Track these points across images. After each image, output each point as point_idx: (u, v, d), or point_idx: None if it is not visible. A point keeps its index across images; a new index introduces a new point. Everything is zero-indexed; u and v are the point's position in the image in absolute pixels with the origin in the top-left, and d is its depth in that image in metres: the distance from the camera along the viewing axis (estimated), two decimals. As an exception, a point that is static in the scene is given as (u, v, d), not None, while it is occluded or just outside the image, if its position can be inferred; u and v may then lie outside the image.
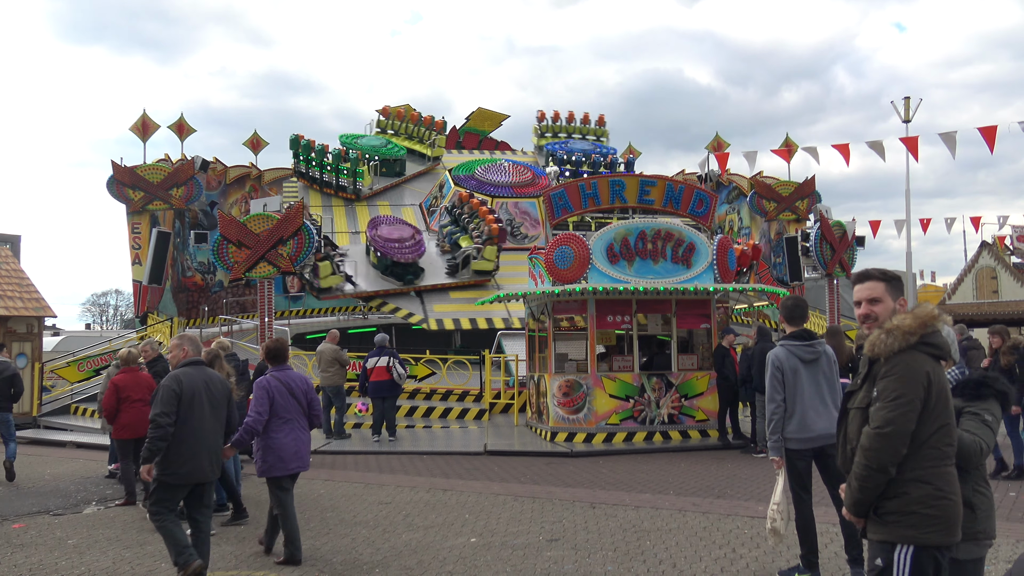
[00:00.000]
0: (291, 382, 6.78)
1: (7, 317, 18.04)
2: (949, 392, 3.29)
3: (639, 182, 14.53)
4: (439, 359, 17.36)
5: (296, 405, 6.75)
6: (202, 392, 5.99)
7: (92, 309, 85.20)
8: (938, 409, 3.23)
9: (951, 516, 3.21)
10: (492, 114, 33.38)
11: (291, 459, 6.66)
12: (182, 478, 5.85)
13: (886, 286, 3.49)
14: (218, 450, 6.12)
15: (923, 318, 3.29)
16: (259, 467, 6.73)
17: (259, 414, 6.56)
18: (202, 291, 26.71)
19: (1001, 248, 26.56)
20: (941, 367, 3.32)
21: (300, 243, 17.57)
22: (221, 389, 6.20)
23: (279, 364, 6.88)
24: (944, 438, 3.23)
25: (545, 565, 6.37)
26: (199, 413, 5.92)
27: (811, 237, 21.00)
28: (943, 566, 3.22)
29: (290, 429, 6.68)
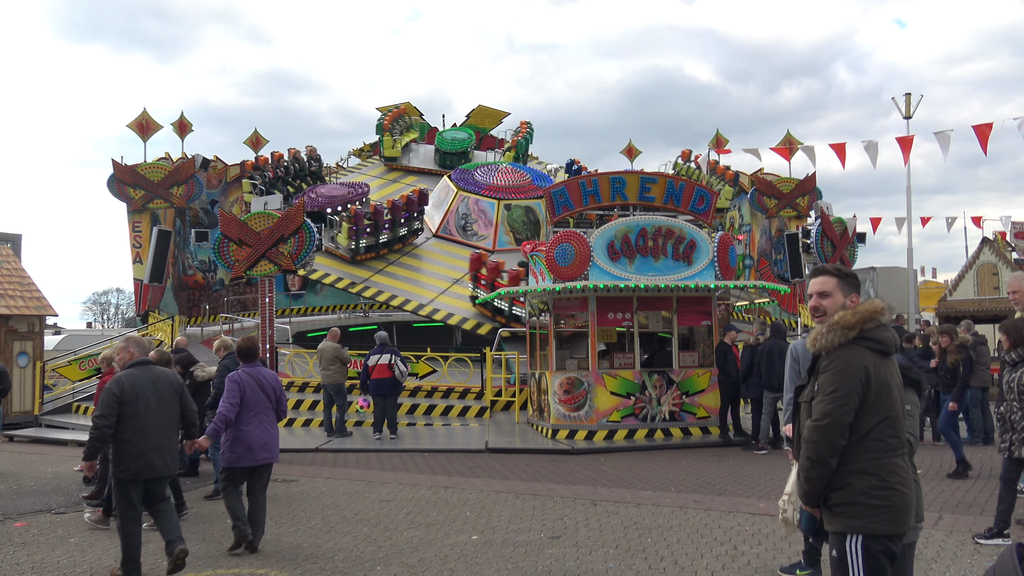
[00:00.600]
0: (261, 377, 7.18)
1: (8, 316, 18.06)
2: (893, 385, 3.36)
3: (640, 179, 14.52)
4: (440, 357, 17.36)
5: (265, 399, 7.13)
6: (148, 391, 6.19)
7: (93, 308, 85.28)
8: (879, 402, 3.30)
9: (899, 505, 3.26)
10: (492, 111, 33.39)
11: (259, 450, 7.02)
12: (134, 474, 6.07)
13: (838, 282, 3.55)
14: (170, 445, 6.31)
15: (863, 313, 3.38)
16: (227, 457, 7.04)
17: (232, 405, 6.92)
18: (203, 289, 26.71)
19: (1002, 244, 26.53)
20: (886, 361, 3.38)
21: (301, 241, 17.57)
22: (169, 386, 6.39)
23: (250, 361, 7.30)
24: (887, 429, 3.30)
25: (547, 562, 6.38)
26: (145, 411, 6.13)
27: (812, 234, 21.03)
28: (894, 556, 3.28)
29: (259, 422, 7.05)
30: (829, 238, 20.81)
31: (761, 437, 12.36)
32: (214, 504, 9.03)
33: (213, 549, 7.05)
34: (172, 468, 6.35)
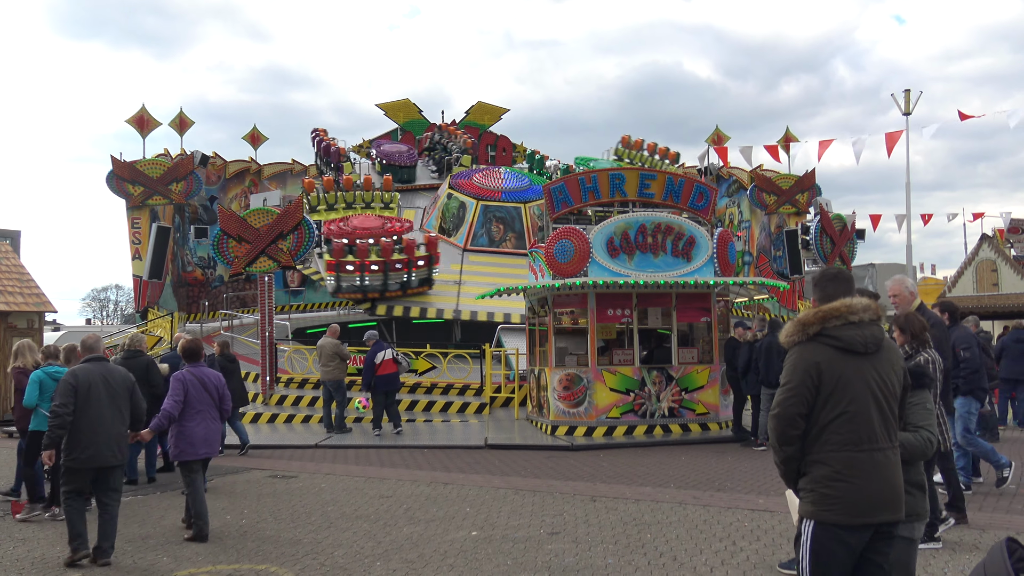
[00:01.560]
0: (204, 377, 7.58)
1: (7, 312, 18.05)
2: (856, 382, 3.41)
3: (639, 175, 14.52)
4: (439, 353, 17.37)
5: (208, 398, 7.53)
6: (99, 385, 6.61)
7: (92, 304, 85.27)
8: (836, 397, 3.40)
9: (850, 498, 3.33)
10: (491, 108, 33.42)
11: (201, 445, 7.45)
12: (83, 463, 6.49)
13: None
14: (119, 437, 6.72)
15: (823, 312, 3.51)
16: (172, 452, 7.47)
17: (175, 403, 7.31)
18: (202, 286, 26.72)
19: (1001, 241, 26.56)
20: (850, 358, 3.43)
21: (300, 238, 17.59)
22: (121, 382, 6.82)
23: (194, 362, 7.72)
24: (846, 425, 3.38)
25: (546, 558, 6.39)
26: (96, 403, 6.54)
27: (811, 230, 21.05)
28: (847, 545, 3.35)
29: (201, 419, 7.47)
30: (828, 235, 20.83)
31: (760, 433, 12.37)
32: (214, 501, 9.03)
33: (213, 545, 7.06)
34: (120, 459, 6.74)
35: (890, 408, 3.47)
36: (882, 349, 3.50)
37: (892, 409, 3.47)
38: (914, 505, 3.76)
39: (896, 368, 3.54)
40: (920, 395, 3.86)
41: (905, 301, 6.70)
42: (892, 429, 3.47)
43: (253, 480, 10.35)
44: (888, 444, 3.43)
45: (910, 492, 3.73)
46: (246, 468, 11.24)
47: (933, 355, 5.98)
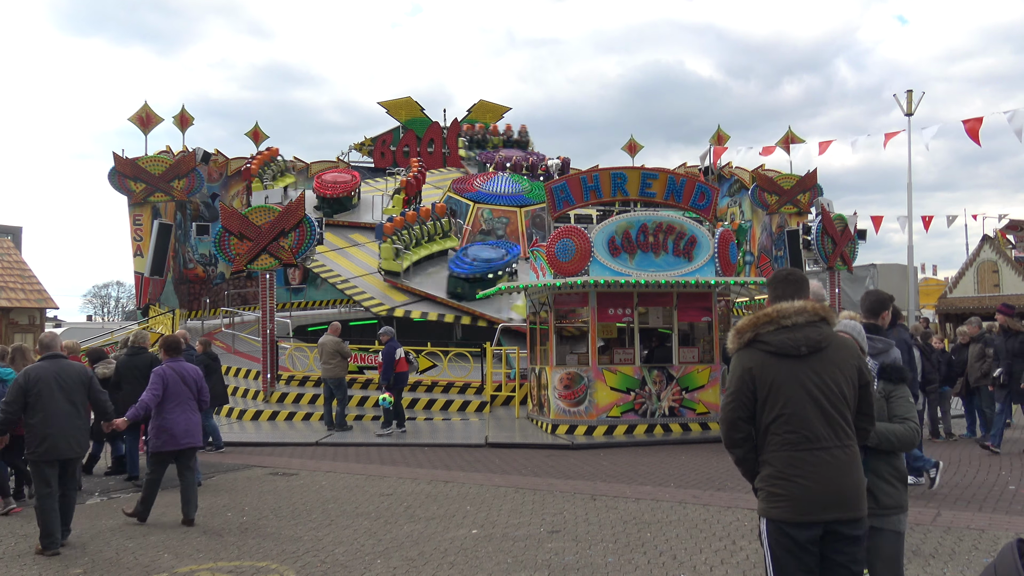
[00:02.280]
0: (183, 371, 7.98)
1: (9, 308, 18.09)
2: (790, 384, 3.46)
3: (641, 175, 14.52)
4: (440, 351, 17.38)
5: (187, 391, 7.93)
6: (52, 382, 6.96)
7: (93, 301, 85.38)
8: (771, 401, 3.47)
9: (795, 495, 3.41)
10: (493, 106, 33.42)
11: (182, 435, 7.80)
12: (42, 455, 6.86)
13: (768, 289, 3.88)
14: (76, 431, 7.05)
15: (755, 318, 3.58)
16: (154, 444, 7.80)
17: (154, 395, 7.71)
18: (204, 283, 26.73)
19: (1003, 242, 26.54)
20: (784, 361, 3.48)
21: (302, 235, 17.59)
22: (76, 378, 7.16)
23: (173, 356, 8.10)
24: (784, 426, 3.45)
25: (546, 556, 6.40)
26: (49, 400, 6.91)
27: (812, 230, 21.00)
28: (797, 541, 3.41)
29: (182, 411, 7.85)
30: (829, 235, 20.80)
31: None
32: (215, 499, 9.06)
33: (215, 542, 7.08)
34: (78, 451, 7.11)
35: (834, 407, 3.45)
36: (825, 350, 3.49)
37: (837, 408, 3.45)
38: (897, 498, 3.84)
39: (844, 367, 3.49)
40: (900, 389, 3.98)
41: None
42: (839, 428, 3.45)
43: (254, 477, 10.36)
44: (834, 443, 3.43)
45: (893, 485, 3.82)
46: (247, 465, 11.26)
47: None
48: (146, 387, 8.26)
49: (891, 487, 3.83)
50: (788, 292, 3.68)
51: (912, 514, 5.40)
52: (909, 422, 3.89)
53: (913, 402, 4.05)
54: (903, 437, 3.86)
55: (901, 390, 4.01)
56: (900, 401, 3.97)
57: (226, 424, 15.62)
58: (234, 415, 16.15)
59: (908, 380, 4.08)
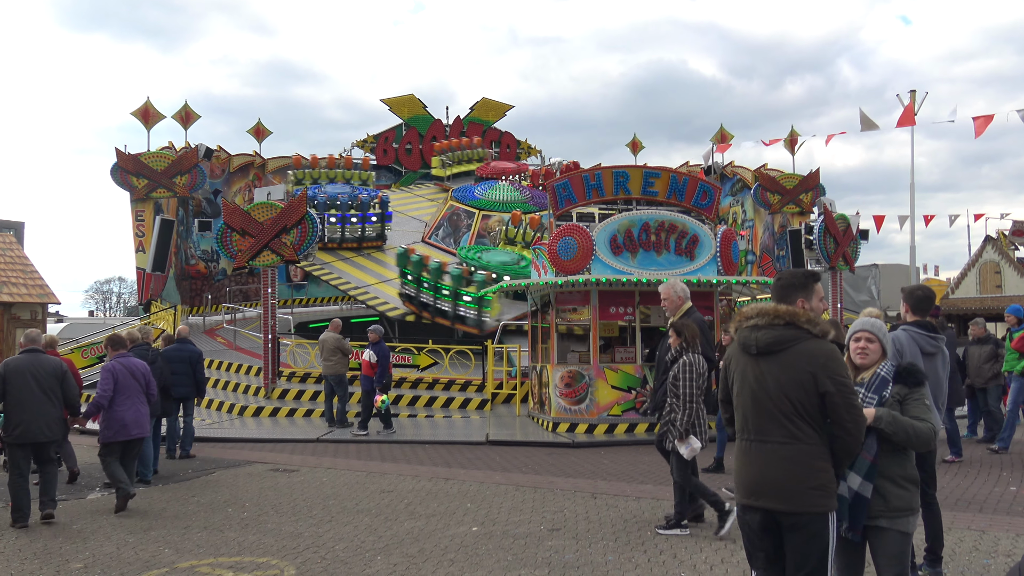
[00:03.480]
0: (131, 366, 8.51)
1: (11, 303, 18.11)
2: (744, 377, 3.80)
3: (643, 173, 14.51)
4: (442, 349, 17.39)
5: (136, 385, 8.46)
6: (27, 372, 7.66)
7: (95, 296, 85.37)
8: (734, 389, 3.90)
9: (738, 480, 3.84)
10: (496, 104, 33.39)
11: (132, 426, 8.37)
12: (16, 438, 7.59)
13: None
14: (49, 418, 7.72)
15: (739, 315, 3.98)
16: (105, 434, 8.30)
17: (104, 392, 8.21)
18: (205, 279, 26.74)
19: (1005, 243, 26.50)
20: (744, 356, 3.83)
21: (304, 232, 17.60)
22: (50, 370, 7.83)
23: (119, 352, 8.63)
24: (737, 414, 3.88)
25: (546, 554, 6.40)
26: (25, 389, 7.62)
27: (815, 230, 20.99)
28: (746, 521, 3.82)
29: (131, 404, 8.39)
30: (832, 234, 20.79)
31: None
32: (215, 494, 9.08)
33: (215, 538, 7.09)
34: (49, 435, 7.75)
35: (776, 407, 3.64)
36: (778, 353, 3.68)
37: (781, 408, 3.63)
38: (908, 499, 3.87)
39: (796, 372, 3.63)
40: (916, 392, 3.97)
41: (674, 304, 7.09)
42: (781, 426, 3.63)
43: (255, 473, 10.37)
44: (773, 438, 3.66)
45: (903, 488, 3.86)
46: (248, 461, 11.28)
47: (694, 358, 6.53)
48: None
49: (902, 490, 3.86)
50: (777, 295, 4.01)
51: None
52: (926, 422, 3.85)
53: (931, 404, 3.97)
54: (921, 434, 3.82)
55: (917, 393, 3.94)
56: (916, 404, 3.91)
57: (227, 420, 15.64)
58: (235, 411, 16.17)
59: (924, 383, 4.00)
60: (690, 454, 6.83)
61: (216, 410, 16.51)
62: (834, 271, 21.18)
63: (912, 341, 5.58)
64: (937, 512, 5.69)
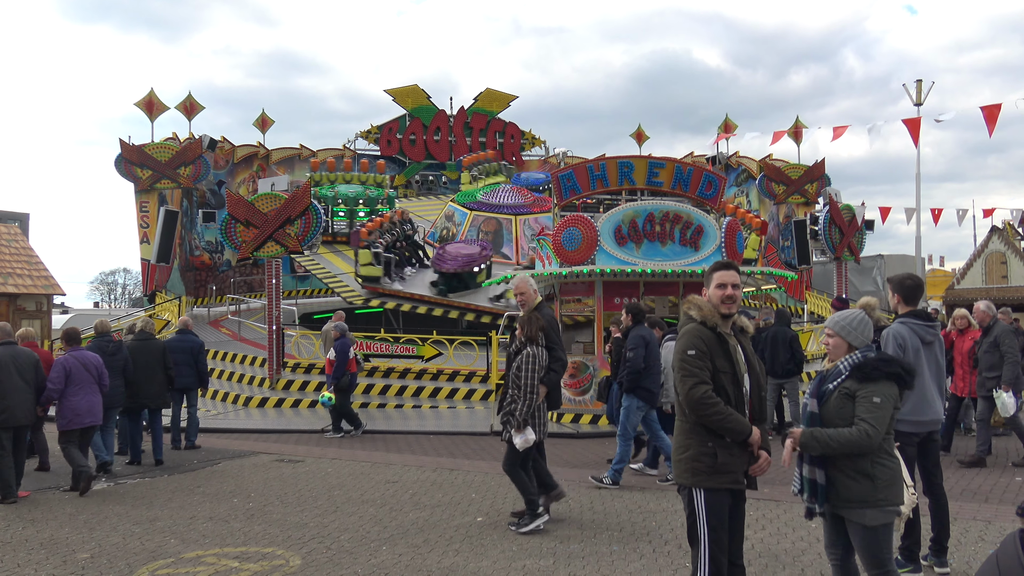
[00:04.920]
0: (84, 359, 9.02)
1: (16, 295, 18.14)
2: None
3: (648, 164, 14.45)
4: (446, 339, 17.39)
5: (89, 376, 8.95)
6: (9, 363, 8.41)
7: (100, 287, 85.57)
8: None
9: None
10: (500, 95, 33.30)
11: (86, 415, 8.86)
12: (2, 423, 8.28)
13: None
14: (27, 403, 8.51)
15: None
16: (61, 423, 8.79)
17: (54, 384, 8.71)
18: (210, 270, 26.78)
19: (1011, 233, 26.38)
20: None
21: (308, 223, 17.58)
22: (27, 361, 8.60)
23: (73, 345, 9.20)
24: None
25: (551, 544, 6.41)
26: (8, 378, 8.35)
27: (820, 221, 20.93)
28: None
29: (84, 394, 8.88)
30: (837, 225, 20.73)
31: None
32: (221, 485, 9.10)
33: (221, 528, 7.10)
34: (28, 419, 8.58)
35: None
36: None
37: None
38: (860, 492, 3.91)
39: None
40: (867, 388, 3.92)
41: (530, 299, 7.11)
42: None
43: (260, 464, 10.39)
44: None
45: (853, 479, 3.91)
46: (253, 452, 11.30)
47: (536, 351, 6.69)
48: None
49: (852, 481, 3.91)
50: None
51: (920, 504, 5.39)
52: (863, 424, 3.84)
53: (879, 403, 3.90)
54: (848, 442, 3.84)
55: (866, 390, 3.92)
56: (862, 402, 3.90)
57: (232, 411, 15.68)
58: (240, 402, 16.20)
59: (877, 380, 3.96)
60: (523, 445, 6.77)
61: (221, 401, 16.54)
62: (839, 261, 21.13)
63: (913, 333, 5.57)
64: (944, 502, 5.69)
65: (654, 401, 8.89)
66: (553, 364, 6.91)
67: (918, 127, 20.82)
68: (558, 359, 6.98)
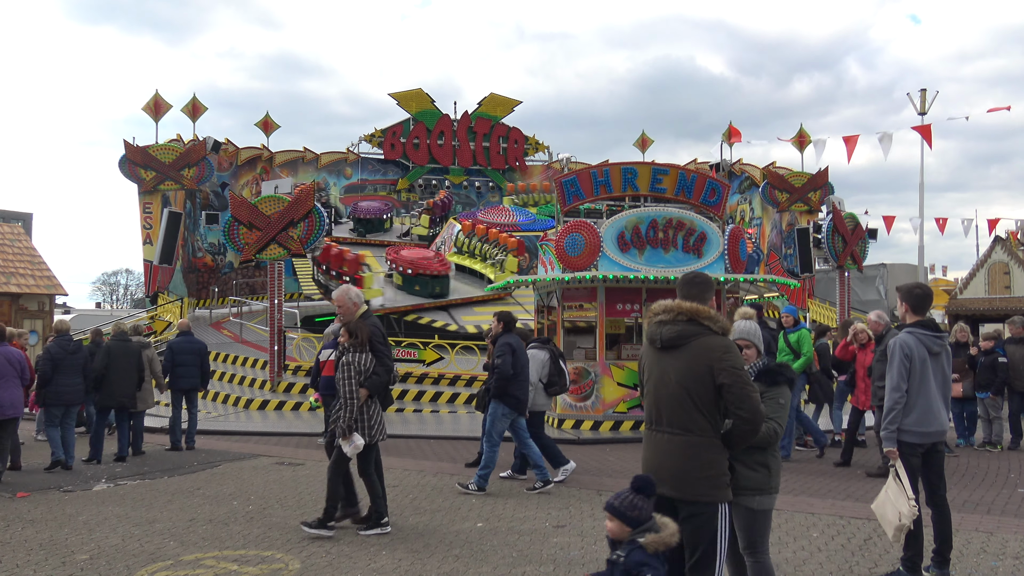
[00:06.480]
0: (8, 355, 9.44)
1: (19, 294, 18.16)
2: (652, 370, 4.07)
3: (652, 170, 14.45)
4: (448, 344, 17.37)
5: (12, 371, 9.39)
6: (3, 360, 9.17)
7: (103, 288, 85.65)
8: (644, 380, 4.15)
9: (644, 466, 4.04)
10: (504, 100, 33.28)
11: (8, 407, 9.31)
12: None
13: None
14: (15, 399, 9.31)
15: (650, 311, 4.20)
16: None
17: None
18: (212, 272, 26.79)
19: (1014, 243, 26.35)
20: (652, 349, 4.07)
21: (311, 225, 17.59)
22: (15, 358, 9.39)
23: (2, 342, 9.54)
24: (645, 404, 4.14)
25: (551, 551, 6.39)
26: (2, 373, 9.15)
27: (823, 229, 20.89)
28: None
29: (7, 386, 9.33)
30: (840, 233, 20.69)
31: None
32: (221, 487, 9.08)
33: (220, 531, 7.09)
34: (14, 413, 9.32)
35: (674, 398, 3.88)
36: (681, 347, 3.91)
37: (678, 399, 3.87)
38: (757, 480, 4.23)
39: (695, 365, 3.86)
40: (773, 391, 4.37)
41: (348, 311, 7.13)
42: (675, 417, 3.88)
43: (260, 467, 10.38)
44: (667, 429, 3.91)
45: (753, 470, 4.23)
46: (253, 455, 11.28)
47: (354, 358, 6.79)
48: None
49: (752, 472, 4.23)
50: (685, 293, 4.14)
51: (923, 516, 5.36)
52: (771, 423, 4.23)
53: (783, 404, 4.36)
54: (759, 436, 4.15)
55: (773, 392, 4.37)
56: (769, 402, 4.29)
57: (233, 413, 15.66)
58: (241, 404, 16.19)
59: (782, 384, 4.42)
60: (352, 451, 6.82)
61: (222, 403, 16.53)
62: (842, 270, 21.09)
63: (919, 343, 5.54)
64: (947, 513, 5.66)
65: (522, 409, 8.93)
66: (378, 368, 6.97)
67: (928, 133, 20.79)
68: (384, 364, 7.05)
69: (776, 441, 4.33)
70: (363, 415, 6.92)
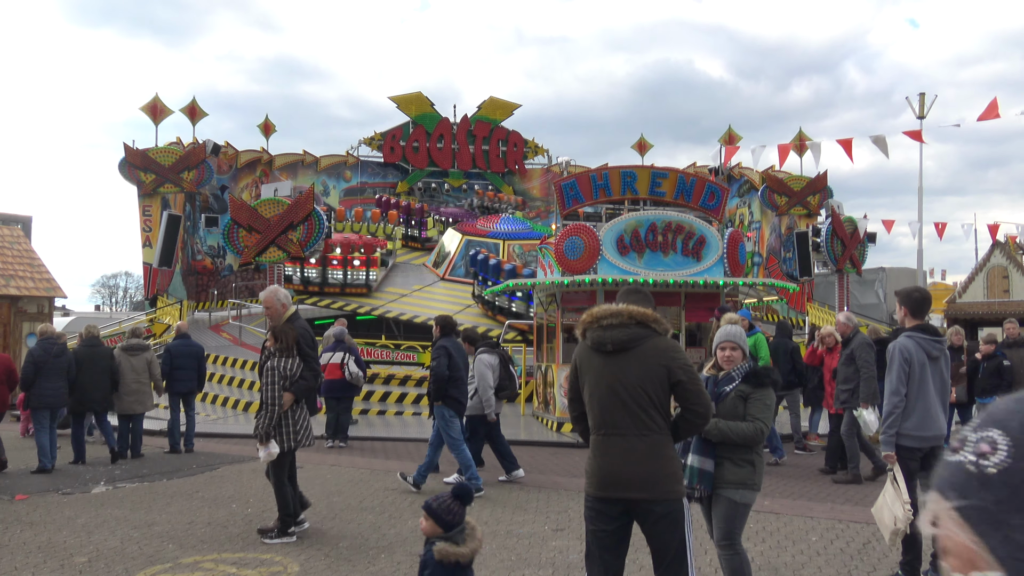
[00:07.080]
0: None
1: (18, 297, 18.14)
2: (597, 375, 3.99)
3: (651, 174, 14.49)
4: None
5: None
6: None
7: (102, 291, 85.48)
8: (586, 388, 4.07)
9: (594, 473, 3.97)
10: (503, 103, 33.36)
11: None
12: None
13: None
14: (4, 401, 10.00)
15: (586, 316, 4.09)
16: None
17: None
18: (212, 275, 26.80)
19: (1013, 247, 26.37)
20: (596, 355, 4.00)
21: (310, 228, 17.61)
22: (3, 364, 9.94)
23: None
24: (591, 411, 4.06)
25: (550, 554, 6.38)
26: None
27: (822, 232, 20.92)
28: (599, 512, 3.98)
29: None
30: (839, 237, 20.72)
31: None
32: (219, 490, 9.08)
33: (218, 533, 7.09)
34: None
35: (633, 400, 3.87)
36: (632, 350, 3.93)
37: (637, 402, 3.87)
38: (742, 475, 4.47)
39: (649, 366, 3.90)
40: (759, 392, 4.54)
41: (277, 312, 7.10)
42: (637, 419, 3.87)
43: (259, 469, 10.34)
44: (631, 431, 3.89)
45: (739, 466, 4.46)
46: (252, 457, 11.26)
47: (277, 363, 6.70)
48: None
49: (738, 467, 4.46)
50: (631, 301, 4.17)
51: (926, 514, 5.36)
52: (758, 423, 4.45)
53: (769, 405, 4.54)
54: (745, 435, 4.45)
55: (759, 393, 4.54)
56: (755, 403, 4.52)
57: (232, 416, 15.66)
58: (240, 407, 16.18)
59: (768, 386, 4.59)
60: (267, 458, 6.72)
61: (221, 406, 16.52)
62: (841, 274, 21.11)
63: (919, 348, 5.54)
64: None
65: (461, 410, 8.99)
66: (305, 372, 6.89)
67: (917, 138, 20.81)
68: (311, 368, 6.97)
69: (762, 440, 4.53)
70: (288, 420, 6.77)
